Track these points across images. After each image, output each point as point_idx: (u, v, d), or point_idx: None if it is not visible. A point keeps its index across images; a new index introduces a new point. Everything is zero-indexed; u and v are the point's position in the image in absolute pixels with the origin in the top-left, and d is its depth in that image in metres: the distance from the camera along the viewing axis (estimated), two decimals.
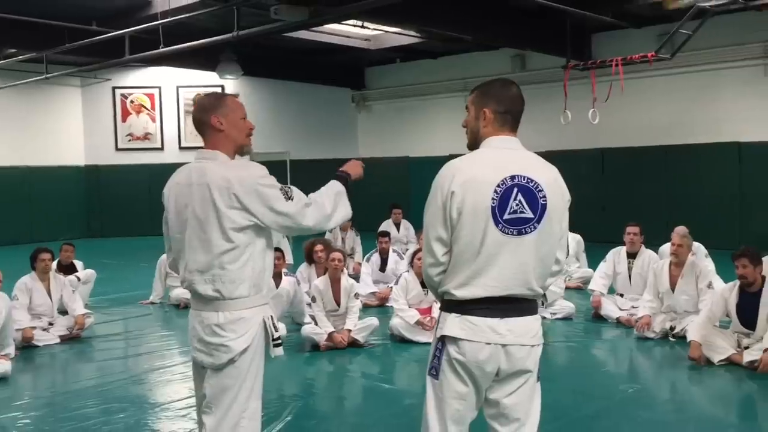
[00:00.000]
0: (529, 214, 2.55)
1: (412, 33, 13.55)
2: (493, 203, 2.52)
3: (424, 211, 2.64)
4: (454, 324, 2.56)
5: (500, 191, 2.52)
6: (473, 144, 2.72)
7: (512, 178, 2.55)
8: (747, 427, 4.69)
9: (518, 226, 2.54)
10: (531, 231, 2.56)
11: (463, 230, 2.54)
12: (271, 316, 2.95)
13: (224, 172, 2.81)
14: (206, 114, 2.92)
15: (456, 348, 2.56)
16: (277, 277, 6.93)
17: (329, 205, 2.93)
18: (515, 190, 2.54)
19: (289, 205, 2.83)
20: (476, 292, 2.54)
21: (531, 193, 2.56)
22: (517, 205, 2.53)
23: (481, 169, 2.57)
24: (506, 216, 2.53)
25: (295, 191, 2.88)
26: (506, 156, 2.63)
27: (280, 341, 2.96)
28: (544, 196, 2.58)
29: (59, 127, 16.65)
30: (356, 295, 6.72)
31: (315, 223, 2.91)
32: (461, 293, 2.55)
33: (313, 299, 6.51)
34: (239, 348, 2.82)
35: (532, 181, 2.57)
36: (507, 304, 2.57)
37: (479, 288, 2.54)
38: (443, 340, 2.59)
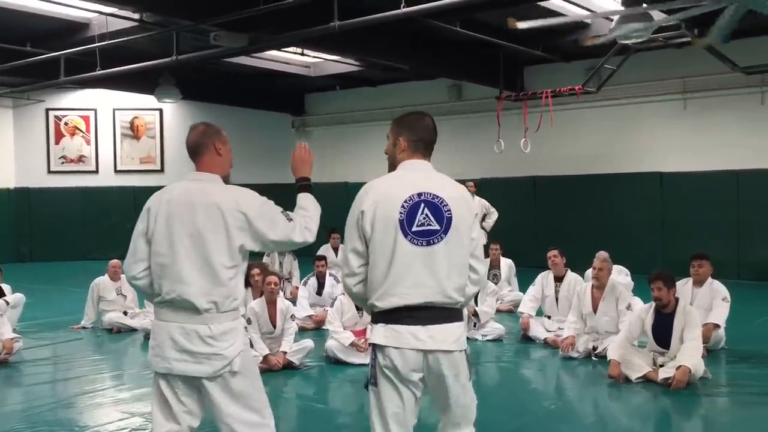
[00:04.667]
0: (435, 226, 2.83)
1: (351, 61, 13.82)
2: (401, 216, 2.81)
3: (345, 227, 2.90)
4: (379, 333, 2.83)
5: (407, 206, 2.82)
6: (392, 169, 3.04)
7: (419, 194, 2.85)
8: None
9: (426, 237, 2.82)
10: (439, 241, 2.83)
11: (376, 242, 2.82)
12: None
13: (233, 195, 3.08)
14: (209, 139, 3.18)
15: (383, 355, 2.81)
16: None
17: (314, 222, 3.21)
18: (422, 205, 2.83)
19: (289, 226, 3.11)
20: (394, 301, 2.79)
21: (436, 208, 2.84)
22: (424, 218, 2.82)
23: (391, 186, 2.89)
24: (414, 228, 2.81)
25: (290, 213, 3.16)
26: (416, 176, 2.93)
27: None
28: (449, 210, 2.85)
29: None
30: (292, 317, 6.80)
31: (304, 240, 3.17)
32: (382, 303, 2.81)
33: (249, 321, 6.55)
34: (233, 354, 3.06)
35: (437, 197, 2.86)
36: (427, 311, 2.81)
37: (396, 297, 2.79)
38: (374, 349, 2.84)
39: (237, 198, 3.06)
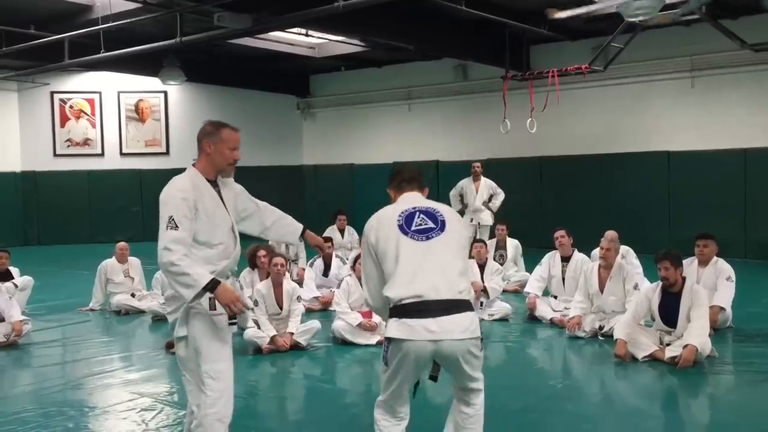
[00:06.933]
0: (431, 225, 3.30)
1: (356, 42, 13.73)
2: (399, 221, 3.29)
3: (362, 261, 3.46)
4: (392, 327, 3.17)
5: (404, 215, 3.32)
6: None
7: (414, 207, 3.37)
8: (668, 417, 4.97)
9: (425, 233, 3.26)
10: (437, 235, 3.26)
11: (381, 245, 3.27)
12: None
13: (165, 188, 3.47)
14: (203, 138, 3.54)
15: (395, 346, 3.15)
16: None
17: (176, 270, 3.29)
18: (417, 212, 3.35)
19: (166, 232, 3.32)
20: (402, 292, 3.13)
21: (430, 214, 3.35)
22: (420, 220, 3.30)
23: (389, 209, 3.43)
24: (413, 228, 3.27)
25: (179, 232, 3.30)
26: (412, 198, 3.47)
27: None
28: (442, 216, 3.35)
29: None
30: (299, 299, 6.82)
31: (160, 258, 3.32)
32: (392, 294, 3.17)
33: (256, 303, 6.58)
34: (172, 319, 3.57)
35: (431, 208, 3.39)
36: (437, 304, 3.12)
37: (404, 289, 3.14)
38: (387, 340, 3.20)
39: (163, 190, 3.44)
